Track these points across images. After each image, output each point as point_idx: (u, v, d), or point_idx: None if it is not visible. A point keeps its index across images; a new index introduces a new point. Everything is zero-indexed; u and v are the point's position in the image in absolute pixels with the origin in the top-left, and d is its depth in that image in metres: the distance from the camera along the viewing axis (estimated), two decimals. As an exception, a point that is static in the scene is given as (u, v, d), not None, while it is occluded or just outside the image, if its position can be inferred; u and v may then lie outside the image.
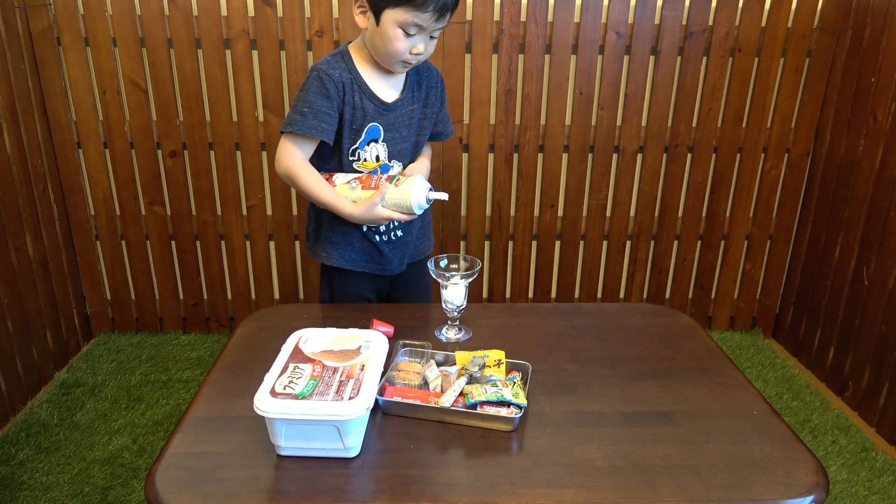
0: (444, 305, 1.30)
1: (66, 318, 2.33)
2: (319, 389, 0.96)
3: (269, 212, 2.39)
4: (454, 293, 1.28)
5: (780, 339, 2.62)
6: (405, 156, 1.48)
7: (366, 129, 1.40)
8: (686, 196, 2.46)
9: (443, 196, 1.37)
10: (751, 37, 2.25)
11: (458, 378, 1.12)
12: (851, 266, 2.17)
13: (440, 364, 1.18)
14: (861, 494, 1.80)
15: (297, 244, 2.45)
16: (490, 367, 1.15)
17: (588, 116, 2.31)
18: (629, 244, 2.52)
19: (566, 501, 0.91)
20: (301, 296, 2.53)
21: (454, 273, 1.30)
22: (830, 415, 2.15)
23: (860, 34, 2.15)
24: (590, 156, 2.38)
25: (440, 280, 1.29)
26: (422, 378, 1.13)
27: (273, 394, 0.94)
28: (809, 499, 0.92)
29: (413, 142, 1.49)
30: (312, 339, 1.10)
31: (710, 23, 2.23)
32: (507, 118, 2.30)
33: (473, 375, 1.12)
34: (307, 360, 1.04)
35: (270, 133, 2.27)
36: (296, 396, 0.94)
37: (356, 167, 1.43)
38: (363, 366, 1.03)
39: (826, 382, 2.30)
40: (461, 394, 1.08)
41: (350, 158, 1.42)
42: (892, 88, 1.99)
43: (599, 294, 2.59)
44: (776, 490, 0.93)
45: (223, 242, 2.43)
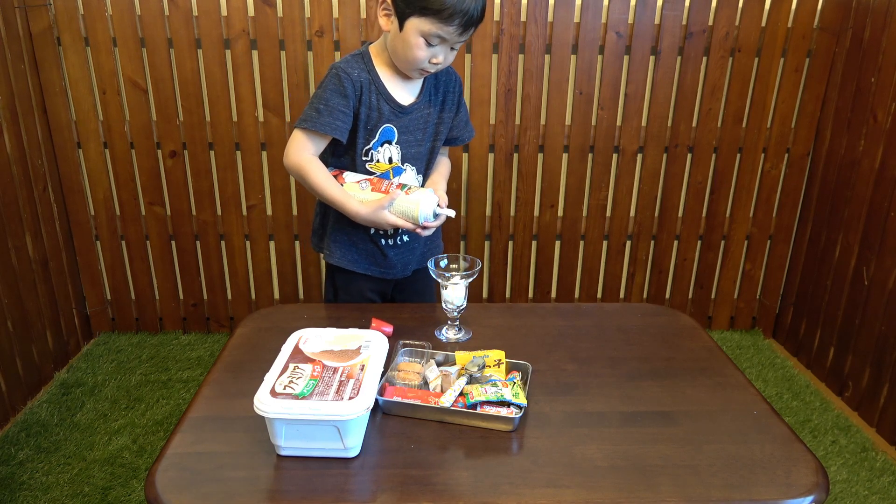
0: (444, 305, 1.30)
1: (66, 318, 2.33)
2: (319, 389, 0.96)
3: (269, 212, 2.39)
4: (454, 293, 1.28)
5: (780, 339, 2.62)
6: (420, 161, 1.48)
7: (380, 131, 1.40)
8: (686, 196, 2.46)
9: (450, 213, 1.38)
10: (751, 37, 2.25)
11: (458, 378, 1.12)
12: (851, 266, 2.17)
13: (440, 364, 1.18)
14: (861, 494, 1.80)
15: (298, 244, 2.45)
16: (490, 367, 1.15)
17: (588, 116, 2.31)
18: (629, 244, 2.52)
19: (566, 501, 0.91)
20: (301, 296, 2.53)
21: (454, 273, 1.30)
22: (830, 415, 2.15)
23: (860, 34, 2.15)
24: (590, 156, 2.38)
25: (440, 280, 1.29)
26: (422, 378, 1.13)
27: (273, 394, 0.94)
28: (809, 499, 0.92)
29: (428, 147, 1.49)
30: (312, 339, 1.10)
31: (710, 23, 2.23)
32: (507, 118, 2.30)
33: (473, 375, 1.12)
34: (307, 360, 1.04)
35: (270, 133, 2.27)
36: (296, 396, 0.94)
37: (369, 168, 1.43)
38: (363, 366, 1.03)
39: (826, 382, 2.30)
40: (461, 394, 1.08)
41: (363, 158, 1.42)
42: (892, 88, 1.99)
43: (599, 294, 2.59)
44: (776, 490, 0.93)
45: (223, 242, 2.43)
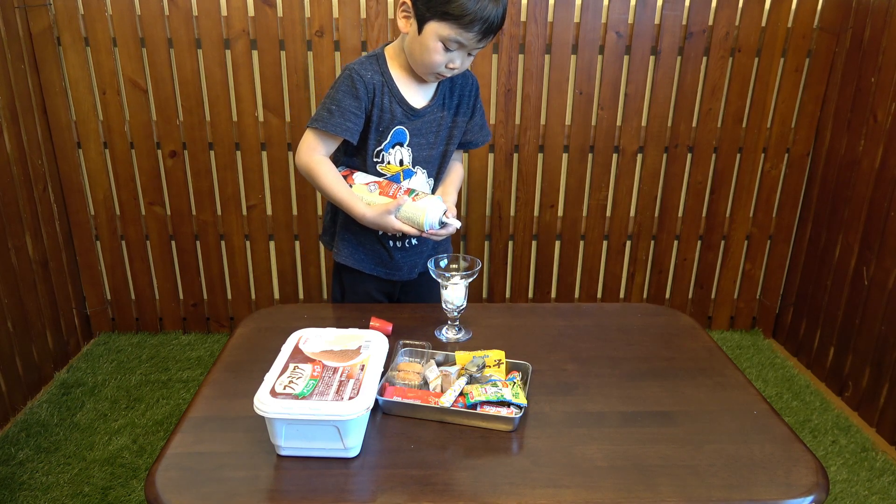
0: (444, 305, 1.30)
1: (66, 318, 2.33)
2: (319, 389, 0.96)
3: (269, 212, 2.39)
4: (454, 293, 1.28)
5: (780, 339, 2.62)
6: (431, 164, 1.47)
7: (391, 132, 1.40)
8: (686, 196, 2.46)
9: (456, 223, 1.37)
10: (751, 37, 2.24)
11: (458, 378, 1.12)
12: (851, 266, 2.17)
13: (440, 364, 1.18)
14: (861, 494, 1.80)
15: (298, 244, 2.45)
16: (490, 367, 1.15)
17: (588, 116, 2.31)
18: (629, 244, 2.52)
19: (566, 501, 0.91)
20: (301, 296, 2.53)
21: (454, 273, 1.30)
22: (830, 415, 2.15)
23: (860, 34, 2.15)
24: (590, 156, 2.38)
25: (440, 280, 1.29)
26: (422, 378, 1.13)
27: (273, 394, 0.94)
28: (809, 499, 0.92)
29: (441, 150, 1.47)
30: (312, 339, 1.10)
31: (710, 23, 2.23)
32: (507, 118, 2.30)
33: (473, 375, 1.12)
34: (307, 360, 1.04)
35: (270, 133, 2.27)
36: (296, 396, 0.94)
37: (379, 169, 1.42)
38: (363, 366, 1.03)
39: (826, 382, 2.30)
40: (461, 394, 1.08)
41: (374, 160, 1.42)
42: (892, 88, 1.99)
43: (599, 294, 2.59)
44: (776, 490, 0.93)
45: (223, 242, 2.43)
